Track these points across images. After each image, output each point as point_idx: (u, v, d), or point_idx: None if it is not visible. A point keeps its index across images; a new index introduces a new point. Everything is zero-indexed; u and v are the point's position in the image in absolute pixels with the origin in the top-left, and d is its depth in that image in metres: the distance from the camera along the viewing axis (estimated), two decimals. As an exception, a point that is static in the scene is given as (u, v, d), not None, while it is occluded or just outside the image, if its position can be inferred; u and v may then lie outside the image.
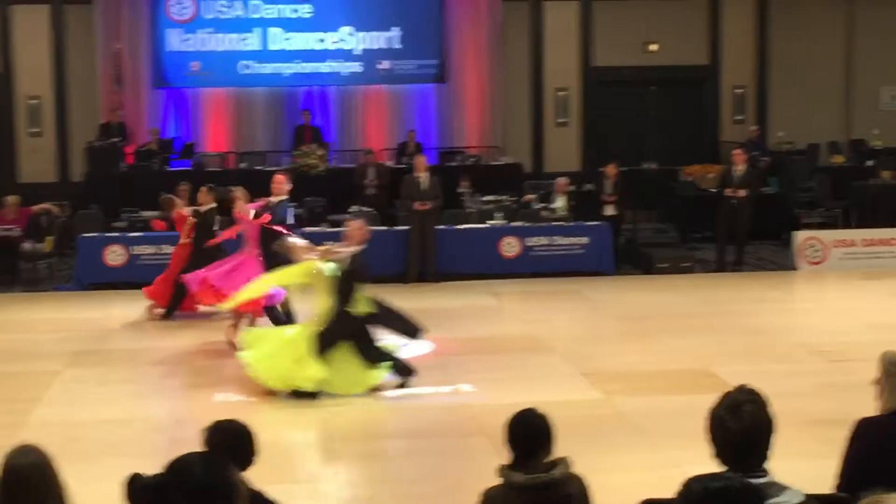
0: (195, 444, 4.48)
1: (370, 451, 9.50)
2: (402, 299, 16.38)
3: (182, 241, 15.29)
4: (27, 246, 18.18)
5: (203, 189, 15.37)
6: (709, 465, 4.17)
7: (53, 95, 23.15)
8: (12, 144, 23.12)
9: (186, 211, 15.44)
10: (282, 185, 13.91)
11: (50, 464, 4.34)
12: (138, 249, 17.63)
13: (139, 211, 19.25)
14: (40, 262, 18.14)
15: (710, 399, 4.38)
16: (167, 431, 9.77)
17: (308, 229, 18.07)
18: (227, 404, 10.73)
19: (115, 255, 17.50)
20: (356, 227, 11.69)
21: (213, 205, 15.17)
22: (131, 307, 15.66)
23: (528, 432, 5.13)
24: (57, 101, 23.16)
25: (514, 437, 5.15)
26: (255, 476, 4.80)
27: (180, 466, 3.52)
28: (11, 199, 18.59)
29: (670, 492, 3.82)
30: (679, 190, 21.97)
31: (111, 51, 22.63)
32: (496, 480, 5.08)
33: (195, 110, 23.46)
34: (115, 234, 18.21)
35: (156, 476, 3.52)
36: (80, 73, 23.06)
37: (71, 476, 4.47)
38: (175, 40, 23.12)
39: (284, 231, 13.32)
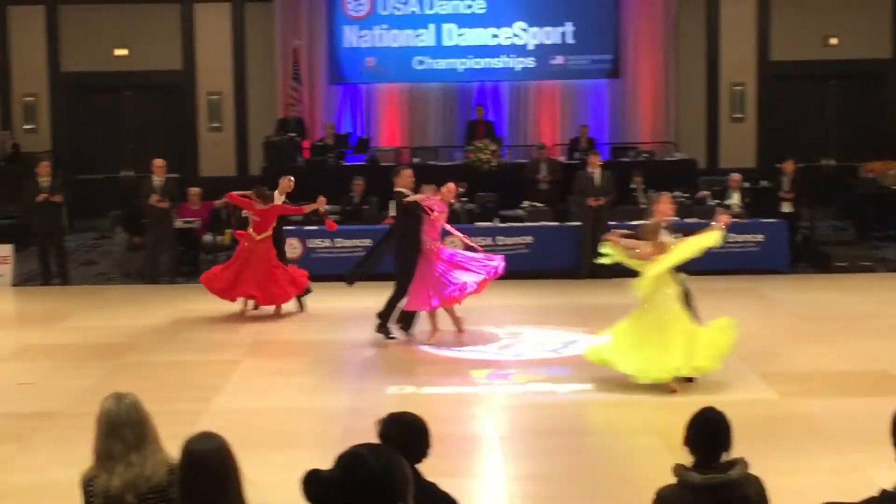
0: (369, 436, 4.54)
1: (540, 447, 9.49)
2: (574, 295, 16.37)
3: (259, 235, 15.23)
4: (208, 238, 18.67)
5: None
6: (893, 469, 4.05)
7: (233, 91, 23.72)
8: (194, 139, 23.77)
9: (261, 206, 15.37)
10: (450, 195, 13.64)
11: (229, 450, 4.45)
12: (314, 243, 17.94)
13: (314, 205, 19.56)
14: (220, 253, 18.59)
15: (892, 402, 4.26)
16: (341, 422, 9.91)
17: (480, 224, 18.16)
18: (399, 396, 10.85)
19: (291, 249, 17.82)
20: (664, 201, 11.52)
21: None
22: (306, 300, 15.95)
23: (709, 432, 5.02)
24: (237, 96, 23.73)
25: (694, 437, 5.05)
26: (428, 469, 4.84)
27: (353, 459, 3.55)
28: (194, 190, 19.11)
29: (852, 496, 3.73)
30: (859, 187, 21.40)
31: (289, 47, 23.08)
32: (667, 479, 5.01)
33: (370, 106, 23.76)
34: (292, 227, 18.53)
35: (331, 470, 3.57)
36: (259, 69, 23.58)
37: (247, 463, 4.57)
38: (351, 37, 23.46)
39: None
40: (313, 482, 3.59)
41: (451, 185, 13.54)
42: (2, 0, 23.32)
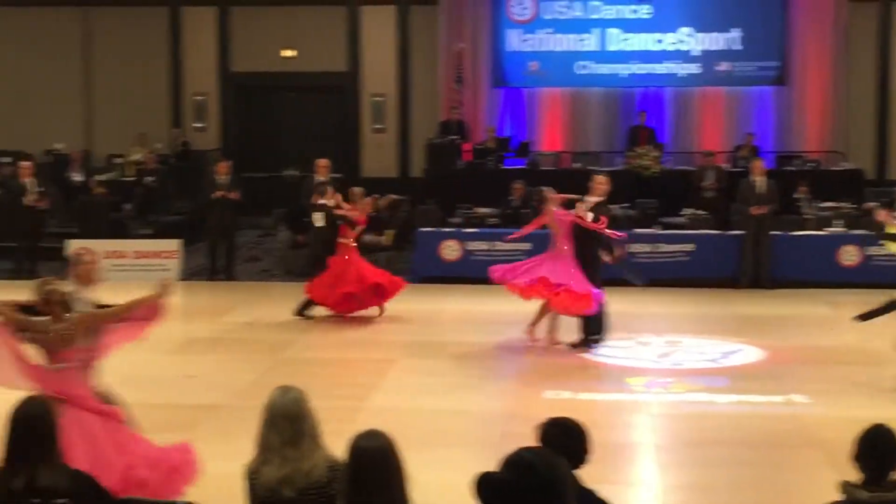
0: (526, 439, 4.54)
1: (698, 457, 9.37)
2: (735, 304, 16.12)
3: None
4: (368, 237, 18.89)
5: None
6: None
7: (397, 93, 23.98)
8: (357, 140, 24.10)
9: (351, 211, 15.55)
10: (601, 187, 13.52)
11: (395, 449, 4.51)
12: (473, 245, 18.03)
13: (474, 208, 19.67)
14: (380, 253, 18.79)
15: None
16: (498, 425, 9.94)
17: (639, 231, 18.01)
18: (555, 401, 10.83)
19: (450, 250, 17.96)
20: None
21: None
22: (464, 302, 16.04)
23: (880, 449, 4.91)
24: (400, 98, 23.98)
25: (864, 454, 4.93)
26: (586, 475, 4.83)
27: (520, 463, 3.58)
28: (357, 190, 19.33)
29: None
30: None
31: (453, 50, 23.22)
32: (828, 495, 4.91)
33: (531, 109, 23.77)
34: (451, 229, 18.66)
35: (500, 473, 3.61)
36: (422, 71, 23.79)
37: (406, 462, 4.62)
38: (515, 40, 23.50)
39: (614, 232, 13.23)
40: (485, 484, 3.64)
41: (600, 178, 13.52)
42: (176, 1, 23.96)
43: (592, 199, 13.24)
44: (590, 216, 13.03)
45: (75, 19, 24.07)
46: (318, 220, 15.89)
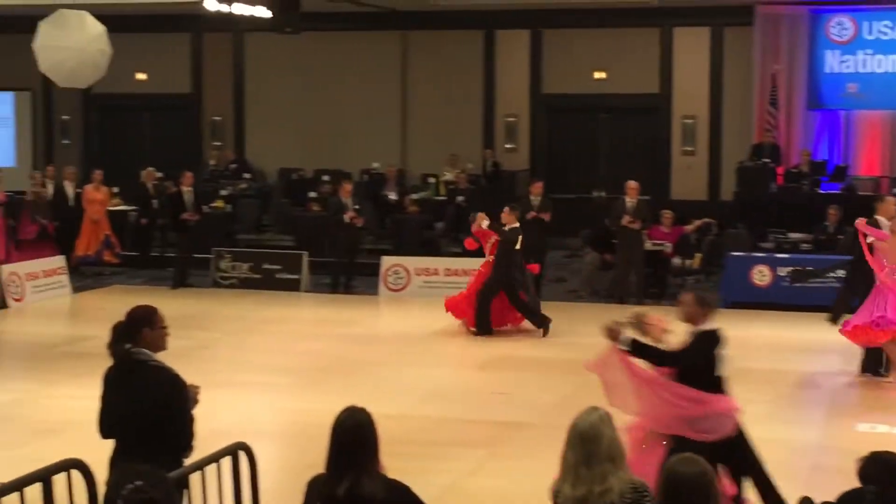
0: (837, 473, 4.40)
1: None
2: None
3: (487, 258, 15.63)
4: (676, 261, 18.73)
5: (506, 209, 15.84)
6: None
7: (709, 115, 23.67)
8: (667, 162, 23.91)
9: (485, 226, 15.78)
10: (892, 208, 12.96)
11: (712, 476, 4.43)
12: (784, 271, 17.59)
13: (787, 232, 19.19)
14: (688, 277, 18.60)
15: None
16: (809, 456, 9.67)
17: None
18: (871, 434, 10.44)
19: (760, 276, 17.58)
20: None
21: (516, 224, 15.64)
22: (774, 328, 15.66)
23: None
24: (711, 120, 23.66)
25: None
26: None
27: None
28: (667, 213, 19.22)
29: None
30: None
31: (768, 72, 22.74)
32: None
33: (848, 132, 22.98)
34: (762, 254, 18.27)
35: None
36: (735, 93, 23.40)
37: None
38: (833, 62, 22.79)
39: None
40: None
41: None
42: (490, 25, 24.44)
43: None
44: None
45: (394, 43, 24.90)
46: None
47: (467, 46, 24.58)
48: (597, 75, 24.10)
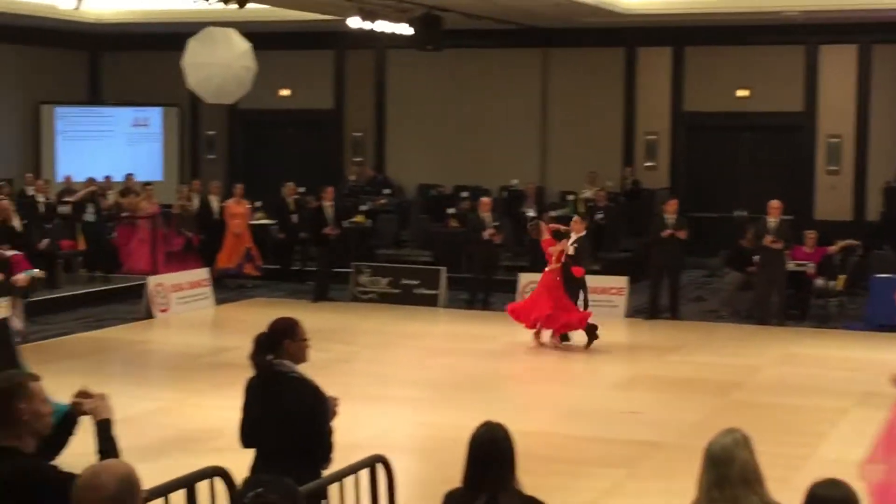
0: None
1: None
2: None
3: (550, 266, 15.68)
4: (819, 282, 18.37)
5: (576, 218, 16.34)
6: None
7: (854, 134, 23.19)
8: (811, 181, 23.47)
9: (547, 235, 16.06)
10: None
11: (858, 500, 4.34)
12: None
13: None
14: (831, 299, 18.24)
15: None
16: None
17: None
18: None
19: (907, 296, 17.12)
20: None
21: (583, 233, 15.86)
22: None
23: None
24: (858, 139, 23.18)
25: None
26: None
27: None
28: (810, 234, 18.87)
29: None
30: None
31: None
32: None
33: None
34: (909, 274, 17.82)
35: None
36: (882, 112, 22.90)
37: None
38: None
39: None
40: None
41: None
42: (632, 42, 24.31)
43: None
44: None
45: (535, 59, 24.91)
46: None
47: (608, 63, 24.48)
48: (739, 93, 23.79)
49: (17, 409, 4.54)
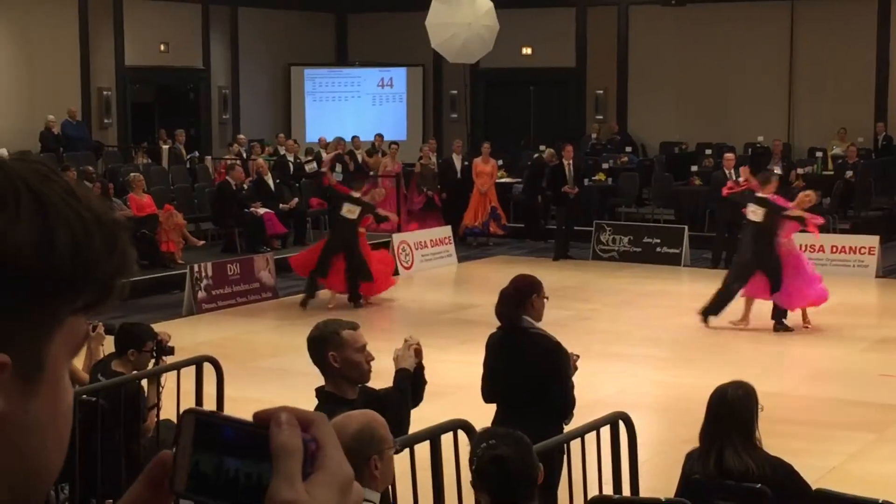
0: None
1: None
2: None
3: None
4: None
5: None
6: None
7: None
8: None
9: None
10: None
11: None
12: None
13: None
14: None
15: None
16: None
17: None
18: None
19: None
20: None
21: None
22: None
23: None
24: None
25: None
26: None
27: None
28: None
29: None
30: None
31: None
32: None
33: None
34: None
35: None
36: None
37: None
38: None
39: None
40: None
41: None
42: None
43: None
44: None
45: (782, 12, 24.21)
46: None
47: (860, 15, 23.57)
48: None
49: (329, 356, 4.78)
